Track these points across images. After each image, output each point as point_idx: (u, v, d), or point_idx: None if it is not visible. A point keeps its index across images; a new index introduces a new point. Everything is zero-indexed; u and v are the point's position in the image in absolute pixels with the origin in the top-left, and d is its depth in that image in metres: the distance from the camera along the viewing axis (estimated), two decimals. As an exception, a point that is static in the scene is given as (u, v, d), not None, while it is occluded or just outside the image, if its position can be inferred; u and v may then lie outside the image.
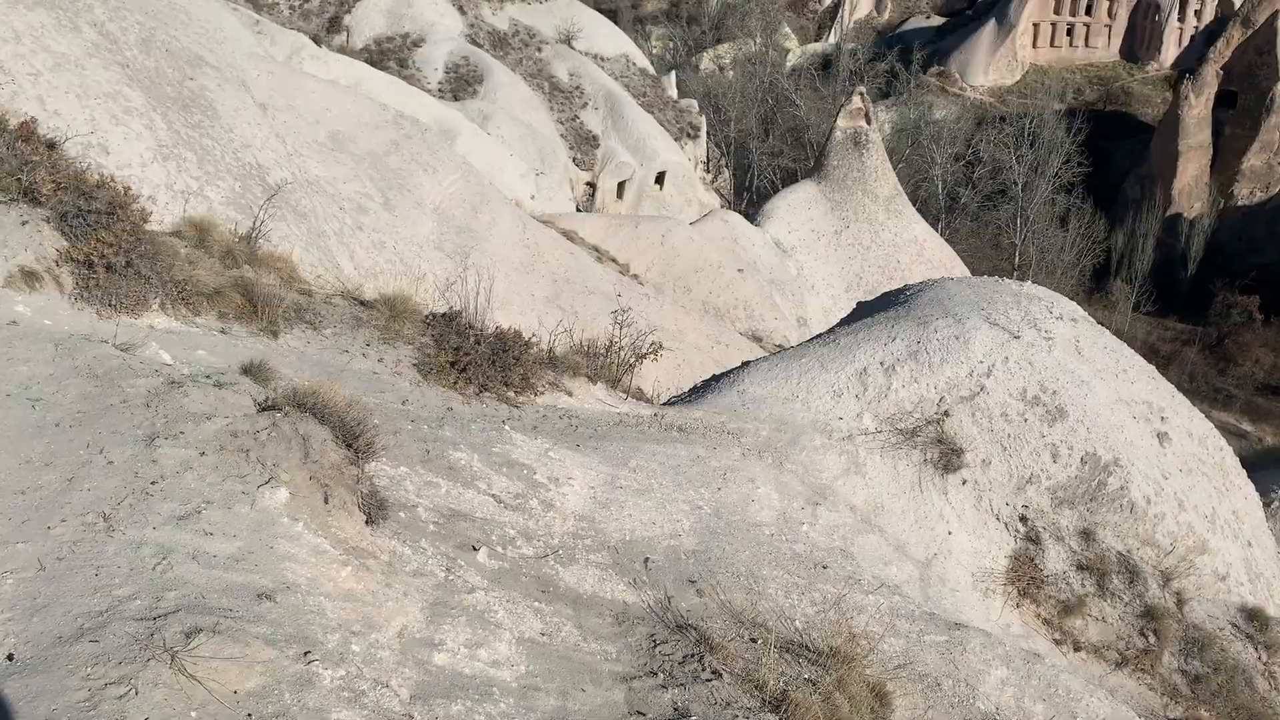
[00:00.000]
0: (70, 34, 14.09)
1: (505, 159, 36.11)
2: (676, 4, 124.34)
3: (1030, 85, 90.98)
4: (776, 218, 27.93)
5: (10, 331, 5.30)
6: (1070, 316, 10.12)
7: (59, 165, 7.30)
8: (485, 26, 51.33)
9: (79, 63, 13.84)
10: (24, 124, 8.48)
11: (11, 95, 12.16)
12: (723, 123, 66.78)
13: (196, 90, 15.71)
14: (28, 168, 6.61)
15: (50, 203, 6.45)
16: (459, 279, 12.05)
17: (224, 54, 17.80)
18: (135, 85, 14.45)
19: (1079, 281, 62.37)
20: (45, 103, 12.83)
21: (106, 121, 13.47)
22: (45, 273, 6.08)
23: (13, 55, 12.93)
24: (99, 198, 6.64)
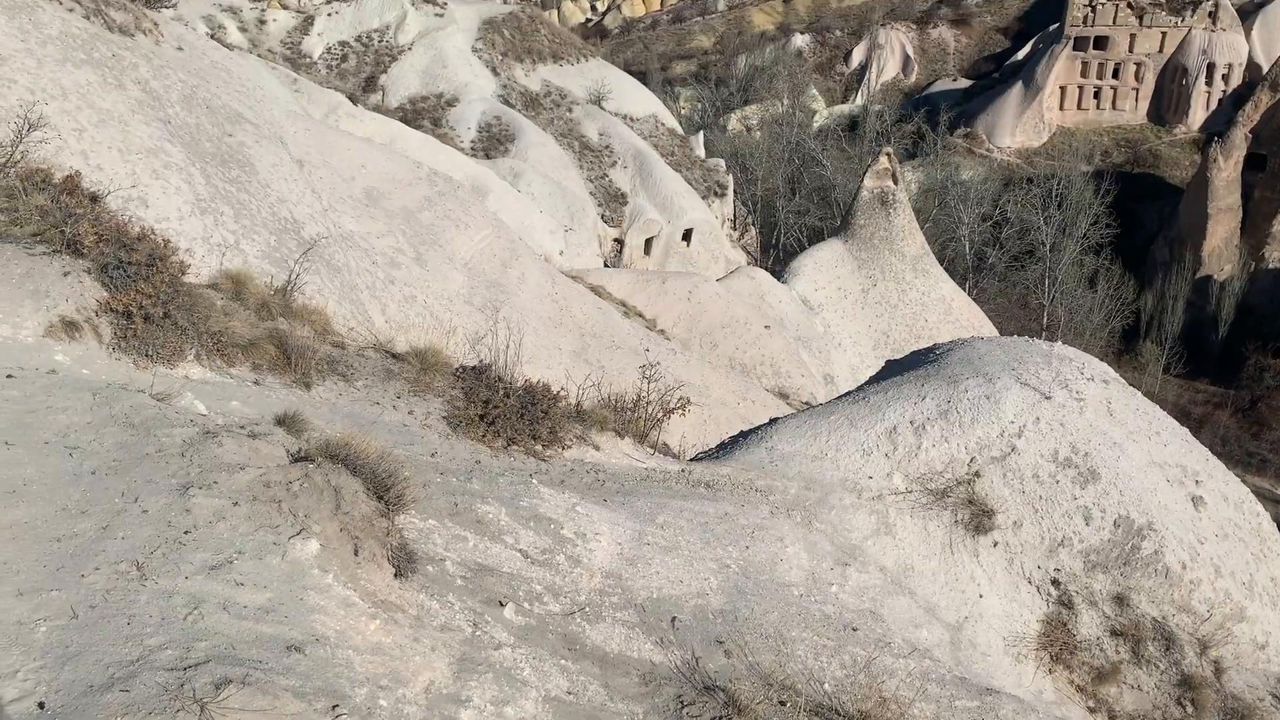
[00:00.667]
0: (115, 91, 14.46)
1: (535, 215, 36.52)
2: (705, 66, 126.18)
3: (1057, 147, 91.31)
4: (803, 275, 28.01)
5: (50, 380, 5.38)
6: (1101, 378, 10.04)
7: (102, 218, 7.45)
8: (518, 87, 52.23)
9: (123, 119, 14.18)
10: (69, 178, 8.67)
11: (56, 150, 12.45)
12: (750, 181, 67.35)
13: (235, 146, 16.03)
14: (71, 220, 6.75)
15: (92, 254, 6.57)
16: (489, 332, 12.14)
17: (263, 111, 18.19)
18: (176, 141, 14.77)
19: (1108, 343, 61.98)
20: (89, 157, 13.14)
21: (147, 176, 13.76)
22: (85, 323, 6.18)
23: (59, 111, 13.26)
24: (140, 250, 6.76)
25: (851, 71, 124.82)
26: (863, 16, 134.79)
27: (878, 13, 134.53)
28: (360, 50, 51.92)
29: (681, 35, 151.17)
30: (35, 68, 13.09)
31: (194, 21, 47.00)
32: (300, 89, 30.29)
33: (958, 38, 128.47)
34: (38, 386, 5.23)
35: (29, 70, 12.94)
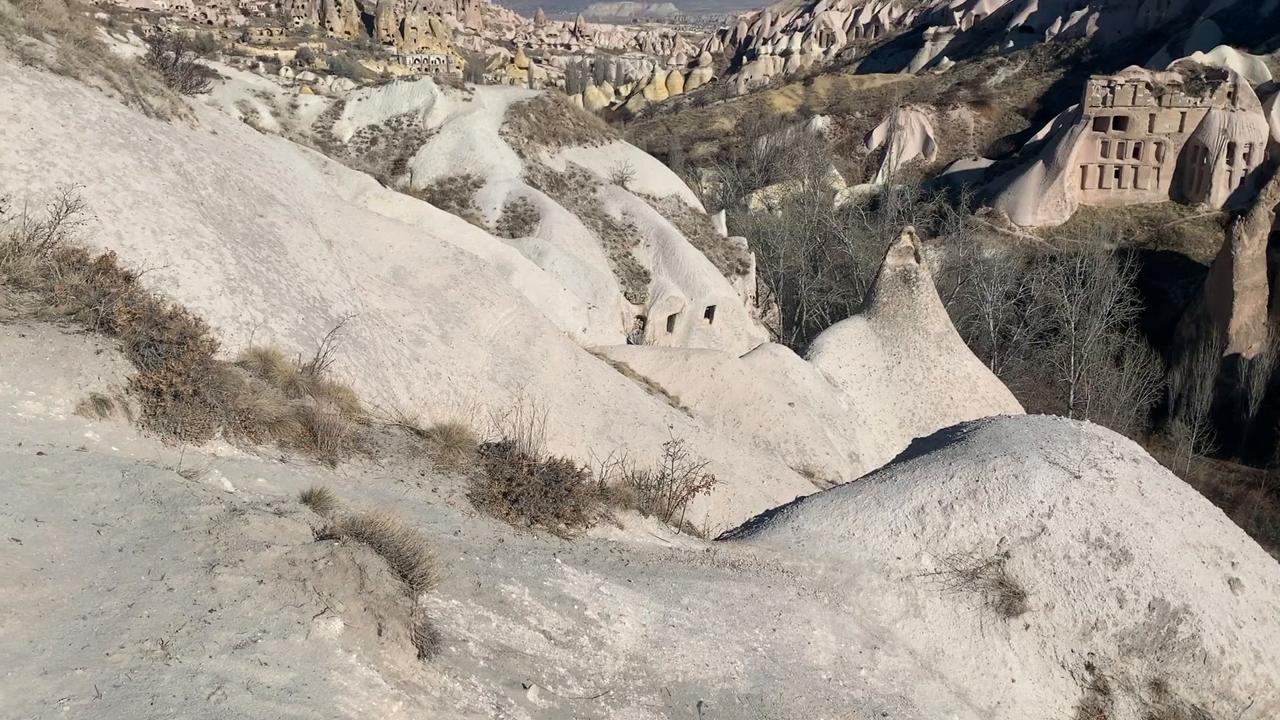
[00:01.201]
0: (151, 174, 14.80)
1: (559, 293, 36.83)
2: (726, 148, 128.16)
3: (1080, 225, 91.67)
4: (827, 352, 27.99)
5: (80, 458, 5.42)
6: (1131, 456, 9.92)
7: (135, 297, 7.58)
8: (543, 169, 53.11)
9: (157, 200, 14.48)
10: (103, 258, 8.86)
11: (92, 231, 12.70)
12: (772, 259, 67.84)
13: (266, 227, 16.32)
14: (105, 300, 6.87)
15: (125, 333, 6.67)
16: (513, 409, 12.17)
17: (294, 193, 18.55)
18: (208, 222, 15.06)
19: (1136, 421, 61.36)
20: (123, 238, 13.40)
21: (179, 255, 13.99)
22: (116, 400, 6.25)
23: (96, 193, 13.56)
24: (171, 328, 6.86)
25: (872, 152, 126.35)
26: (882, 99, 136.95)
27: (897, 95, 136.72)
28: (389, 134, 53.08)
29: (703, 118, 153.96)
30: (74, 151, 13.43)
31: (228, 106, 48.28)
32: (330, 171, 30.93)
33: (977, 119, 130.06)
34: (68, 464, 5.27)
35: (68, 154, 13.28)
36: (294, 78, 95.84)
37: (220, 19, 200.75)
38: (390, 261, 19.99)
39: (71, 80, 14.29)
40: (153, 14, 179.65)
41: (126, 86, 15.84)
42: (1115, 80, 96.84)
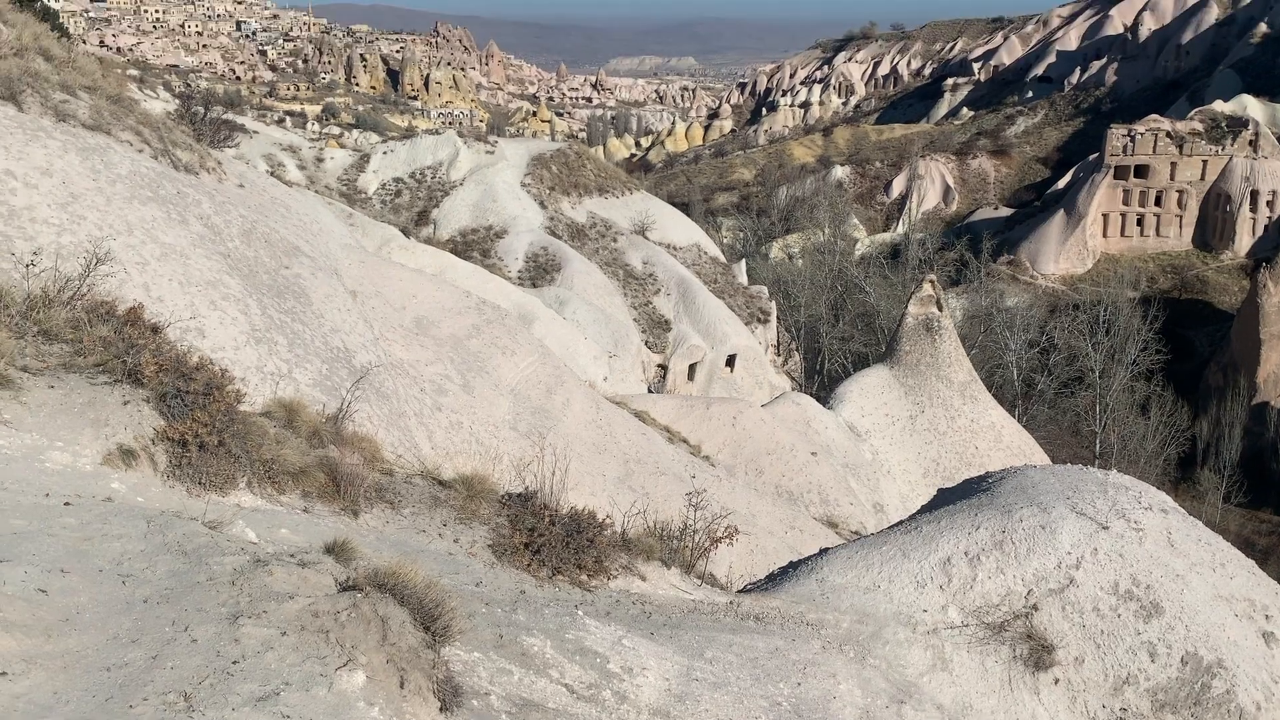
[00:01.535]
0: (179, 226, 15.02)
1: (580, 342, 36.95)
2: (746, 198, 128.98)
3: (1103, 273, 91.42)
4: (849, 401, 27.88)
5: (106, 508, 5.46)
6: (1160, 507, 9.78)
7: (162, 348, 7.66)
8: (564, 219, 53.57)
9: (184, 253, 14.68)
10: (132, 310, 8.97)
11: (120, 283, 12.87)
12: (793, 308, 67.86)
13: (291, 278, 16.50)
14: (133, 351, 6.95)
15: (152, 384, 6.74)
16: (535, 459, 12.16)
17: (319, 244, 18.78)
18: (234, 273, 15.24)
19: (1164, 471, 60.63)
20: (150, 289, 13.57)
21: (205, 307, 14.15)
22: (142, 451, 6.29)
23: (125, 246, 13.76)
24: (198, 379, 6.92)
25: (892, 201, 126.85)
26: (902, 149, 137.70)
27: (917, 145, 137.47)
28: (414, 186, 53.75)
29: (723, 168, 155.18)
30: (104, 204, 13.65)
31: (255, 160, 49.08)
32: (355, 223, 31.30)
33: (997, 168, 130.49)
34: (94, 514, 5.30)
35: (98, 207, 13.50)
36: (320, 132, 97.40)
37: (248, 75, 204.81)
38: (413, 311, 20.15)
39: (103, 136, 14.58)
40: (182, 70, 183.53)
41: (156, 141, 16.14)
42: (1136, 129, 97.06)
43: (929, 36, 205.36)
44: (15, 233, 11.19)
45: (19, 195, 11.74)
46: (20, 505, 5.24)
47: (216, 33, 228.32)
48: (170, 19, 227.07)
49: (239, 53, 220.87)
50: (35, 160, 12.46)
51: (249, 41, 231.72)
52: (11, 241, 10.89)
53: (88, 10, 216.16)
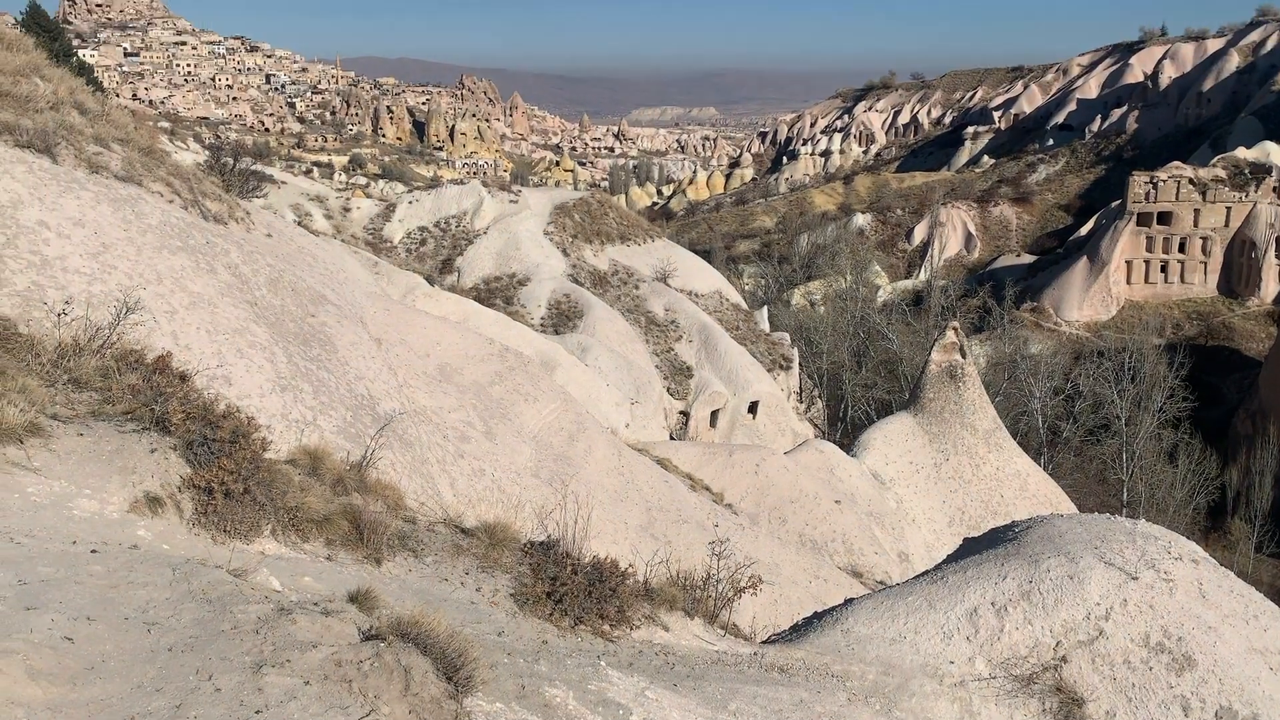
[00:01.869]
0: (207, 275, 15.22)
1: (602, 389, 36.98)
2: (768, 245, 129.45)
3: (1127, 320, 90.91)
4: (873, 449, 27.71)
5: (131, 556, 5.48)
6: (1190, 557, 9.64)
7: (190, 396, 7.74)
8: (587, 267, 53.90)
9: (212, 301, 14.85)
10: (160, 358, 9.08)
11: (149, 331, 13.02)
12: (815, 355, 67.74)
13: (317, 326, 16.66)
14: (161, 399, 7.02)
15: (179, 431, 6.80)
16: (557, 507, 12.13)
17: (345, 293, 18.96)
18: (261, 321, 15.39)
19: (1193, 520, 59.74)
20: (178, 337, 13.73)
21: (232, 355, 14.29)
22: (168, 498, 6.33)
23: (154, 295, 13.95)
24: (224, 426, 6.98)
25: (914, 248, 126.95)
26: (923, 196, 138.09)
27: (938, 192, 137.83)
28: (438, 235, 54.31)
29: (744, 216, 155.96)
30: (134, 254, 13.87)
31: (283, 210, 49.77)
32: (380, 271, 31.59)
33: (1019, 215, 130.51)
34: (120, 562, 5.33)
35: (129, 257, 13.71)
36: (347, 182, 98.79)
37: (277, 127, 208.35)
38: (437, 359, 20.26)
39: (135, 186, 14.84)
40: (212, 122, 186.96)
41: (186, 192, 16.41)
42: (1158, 176, 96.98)
43: (949, 85, 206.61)
44: (48, 282, 11.36)
45: (52, 245, 11.94)
46: (48, 552, 5.27)
47: (246, 86, 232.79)
48: (201, 73, 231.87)
49: (268, 105, 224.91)
50: (68, 211, 12.68)
51: (278, 94, 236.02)
52: (44, 291, 11.06)
53: (122, 64, 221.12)
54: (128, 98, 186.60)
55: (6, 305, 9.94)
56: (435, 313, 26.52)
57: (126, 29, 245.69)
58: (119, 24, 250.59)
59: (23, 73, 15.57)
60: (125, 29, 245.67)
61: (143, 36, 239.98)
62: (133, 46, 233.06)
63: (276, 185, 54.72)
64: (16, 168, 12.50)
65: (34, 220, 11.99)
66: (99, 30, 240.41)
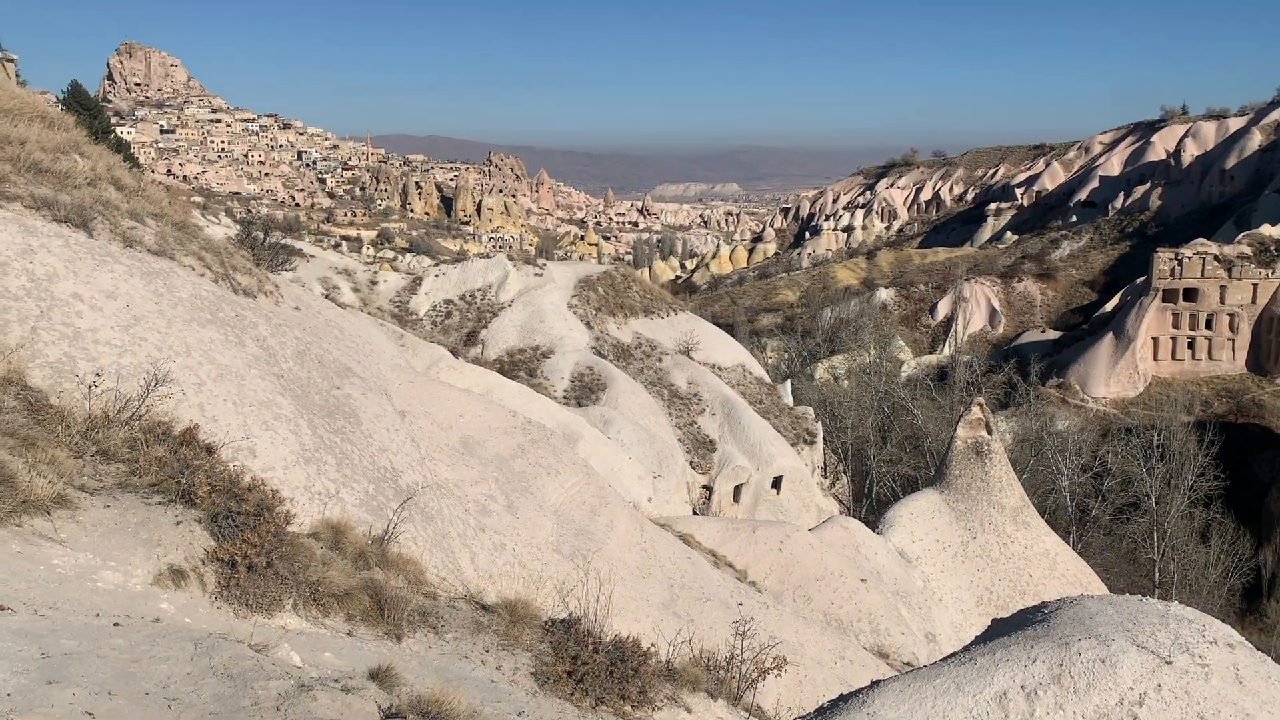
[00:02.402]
0: (235, 348, 15.39)
1: (624, 462, 36.84)
2: (790, 319, 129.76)
3: (1155, 397, 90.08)
4: (899, 526, 27.38)
5: (154, 629, 5.47)
6: (1226, 641, 9.40)
7: (215, 469, 7.78)
8: (610, 339, 54.15)
9: (239, 373, 15.00)
10: (187, 430, 9.16)
11: (176, 403, 13.14)
12: (839, 429, 67.34)
13: (342, 398, 16.76)
14: (188, 472, 7.06)
15: (204, 504, 6.83)
16: (579, 583, 12.03)
17: (370, 365, 19.11)
18: (287, 394, 15.51)
19: (1228, 602, 58.40)
20: (205, 409, 13.84)
21: (257, 427, 14.37)
22: (192, 571, 6.34)
23: (182, 367, 14.10)
24: (249, 499, 7.01)
25: (937, 324, 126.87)
26: (946, 271, 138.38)
27: (961, 268, 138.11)
28: (464, 307, 54.81)
29: (767, 289, 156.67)
30: (165, 327, 14.07)
31: (312, 283, 50.47)
32: (406, 343, 31.84)
33: (1043, 291, 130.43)
34: (143, 635, 5.32)
35: (159, 329, 13.90)
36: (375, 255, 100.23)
37: (307, 201, 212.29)
38: (460, 431, 20.29)
39: (167, 260, 15.11)
40: (244, 197, 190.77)
41: (217, 265, 16.69)
42: (1183, 252, 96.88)
43: (970, 163, 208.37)
44: (79, 354, 11.52)
45: (84, 317, 12.14)
46: (71, 625, 5.27)
47: (278, 162, 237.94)
48: (235, 149, 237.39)
49: (299, 180, 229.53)
50: (102, 284, 12.91)
51: (309, 170, 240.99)
52: (75, 362, 11.21)
53: (157, 141, 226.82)
54: (162, 173, 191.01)
55: (39, 377, 10.08)
56: (459, 385, 26.63)
57: (164, 107, 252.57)
58: (156, 102, 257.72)
59: (63, 150, 16.00)
60: (162, 107, 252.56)
61: (179, 114, 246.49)
62: (169, 124, 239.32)
63: (306, 259, 55.58)
64: (54, 242, 12.77)
65: (68, 293, 12.21)
66: (137, 108, 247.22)
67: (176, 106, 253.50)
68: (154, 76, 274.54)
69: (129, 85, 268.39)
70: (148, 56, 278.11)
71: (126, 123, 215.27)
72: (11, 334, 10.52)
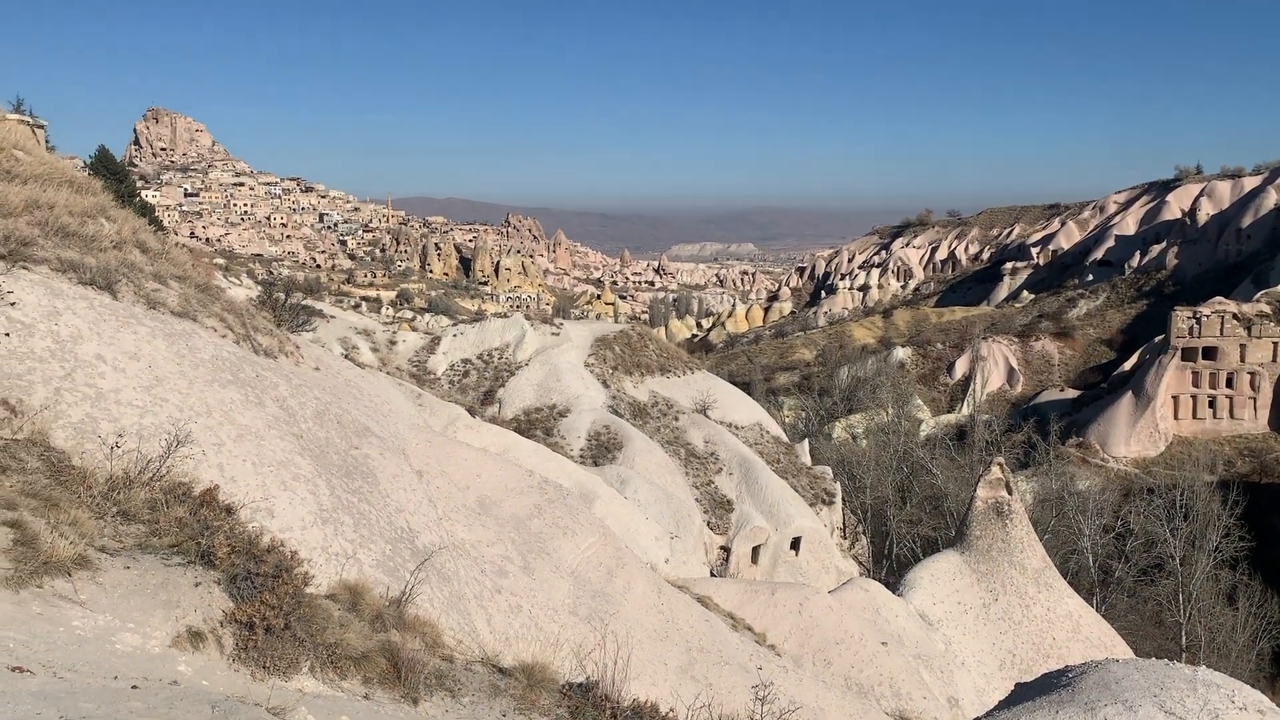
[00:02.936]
0: (255, 408, 15.48)
1: (641, 522, 36.64)
2: (807, 377, 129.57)
3: (1176, 457, 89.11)
4: (920, 588, 27.04)
5: (172, 692, 5.46)
6: (1256, 707, 9.23)
7: (235, 530, 7.80)
8: (626, 398, 54.17)
9: (259, 434, 15.07)
10: (208, 491, 9.20)
11: (196, 464, 13.20)
12: (858, 489, 66.84)
13: (360, 458, 16.80)
14: (208, 533, 7.09)
15: (224, 565, 6.84)
16: (596, 646, 11.91)
17: (388, 425, 19.17)
18: (306, 454, 15.56)
19: (1257, 666, 57.17)
20: (224, 470, 13.89)
21: (276, 487, 14.40)
22: (210, 633, 6.33)
23: (203, 428, 14.19)
24: (268, 561, 7.01)
25: (955, 382, 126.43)
26: (963, 330, 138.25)
27: (978, 327, 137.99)
28: (481, 366, 55.02)
29: (784, 348, 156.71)
30: (186, 387, 14.18)
31: (331, 343, 50.83)
32: (423, 402, 31.94)
33: (1061, 350, 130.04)
34: (160, 698, 5.30)
35: (180, 390, 14.02)
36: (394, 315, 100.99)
37: (328, 263, 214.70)
38: (477, 491, 20.26)
39: (189, 322, 15.28)
40: (266, 259, 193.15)
41: (239, 326, 16.87)
42: (1201, 311, 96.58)
43: (985, 222, 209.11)
44: (101, 414, 11.62)
45: (107, 378, 12.26)
46: (89, 688, 5.26)
47: (300, 224, 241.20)
48: (258, 211, 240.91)
49: (320, 242, 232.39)
50: (125, 345, 13.06)
51: (330, 232, 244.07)
52: (97, 423, 11.30)
53: (182, 204, 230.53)
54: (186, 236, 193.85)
55: (61, 437, 10.16)
56: (476, 444, 26.65)
57: (188, 171, 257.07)
58: (181, 166, 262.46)
59: (90, 214, 16.29)
60: (187, 171, 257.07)
61: (203, 178, 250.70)
62: (193, 187, 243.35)
63: (326, 319, 56.05)
64: (79, 304, 12.95)
65: (92, 354, 12.35)
66: (162, 172, 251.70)
67: (201, 170, 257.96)
68: (179, 141, 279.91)
69: (155, 150, 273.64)
70: (173, 122, 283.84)
71: (152, 186, 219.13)
72: (36, 395, 10.64)
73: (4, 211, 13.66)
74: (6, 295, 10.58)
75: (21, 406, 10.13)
